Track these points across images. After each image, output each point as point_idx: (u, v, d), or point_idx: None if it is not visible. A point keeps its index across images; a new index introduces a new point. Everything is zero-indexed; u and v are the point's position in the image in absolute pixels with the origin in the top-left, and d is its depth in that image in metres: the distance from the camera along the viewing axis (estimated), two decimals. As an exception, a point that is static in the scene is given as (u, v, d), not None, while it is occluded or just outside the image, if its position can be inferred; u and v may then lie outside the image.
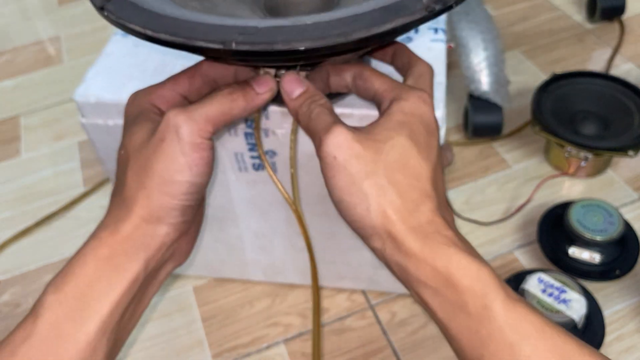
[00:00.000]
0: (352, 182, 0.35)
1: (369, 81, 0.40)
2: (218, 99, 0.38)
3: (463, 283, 0.34)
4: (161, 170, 0.37)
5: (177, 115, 0.37)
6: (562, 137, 0.70)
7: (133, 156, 0.38)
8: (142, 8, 0.36)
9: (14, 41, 1.08)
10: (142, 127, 0.39)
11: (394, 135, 0.36)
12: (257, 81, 0.40)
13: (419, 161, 0.36)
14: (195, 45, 0.34)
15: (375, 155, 0.35)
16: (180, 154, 0.37)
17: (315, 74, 0.41)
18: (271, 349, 0.61)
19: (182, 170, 0.37)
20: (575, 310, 0.55)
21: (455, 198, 0.73)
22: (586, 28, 0.97)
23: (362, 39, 0.33)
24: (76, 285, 0.37)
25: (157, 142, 0.37)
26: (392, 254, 0.36)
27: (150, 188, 0.37)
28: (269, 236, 0.59)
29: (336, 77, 0.41)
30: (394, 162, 0.36)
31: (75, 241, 0.72)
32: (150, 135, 0.38)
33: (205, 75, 0.42)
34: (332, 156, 0.36)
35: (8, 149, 0.86)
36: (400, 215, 0.35)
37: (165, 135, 0.37)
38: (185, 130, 0.36)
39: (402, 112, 0.37)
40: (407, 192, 0.36)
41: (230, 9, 0.42)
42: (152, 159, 0.37)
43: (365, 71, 0.40)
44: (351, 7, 0.36)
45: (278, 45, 0.33)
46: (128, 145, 0.39)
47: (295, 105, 0.39)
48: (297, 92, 0.39)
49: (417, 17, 0.33)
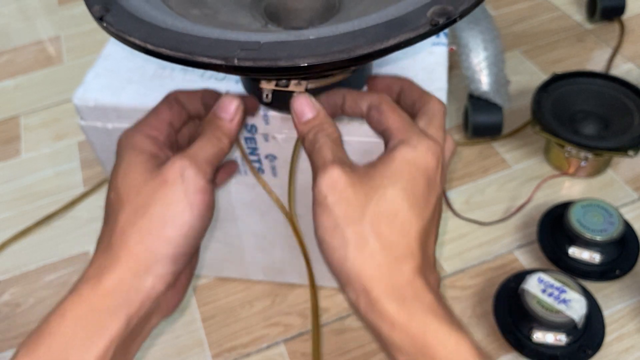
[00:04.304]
0: (335, 225, 0.34)
1: (384, 115, 0.37)
2: (209, 140, 0.38)
3: (440, 355, 0.31)
4: (161, 212, 0.35)
5: (182, 159, 0.36)
6: (562, 137, 0.70)
7: (128, 197, 0.36)
8: (142, 20, 0.36)
9: (14, 41, 1.08)
10: (137, 166, 0.37)
11: (388, 184, 0.34)
12: (220, 108, 0.39)
13: (409, 216, 0.34)
14: (197, 60, 0.33)
15: (365, 202, 0.34)
16: (183, 195, 0.36)
17: (330, 96, 0.40)
18: (271, 349, 0.61)
19: (184, 212, 0.36)
20: (575, 310, 0.55)
21: (455, 198, 0.73)
22: (586, 28, 0.97)
23: (365, 55, 0.32)
24: (49, 348, 0.34)
25: (159, 183, 0.36)
26: (366, 311, 0.33)
27: (146, 230, 0.35)
28: (268, 237, 0.59)
29: (352, 104, 0.40)
30: (382, 213, 0.34)
31: (75, 241, 0.72)
32: (146, 175, 0.36)
33: (180, 102, 0.41)
34: (323, 195, 0.34)
35: (8, 149, 0.86)
36: (379, 272, 0.33)
37: (168, 176, 0.36)
38: (190, 172, 0.36)
39: (405, 160, 0.35)
40: (390, 247, 0.33)
41: (231, 17, 0.42)
42: (152, 200, 0.35)
43: (383, 104, 0.38)
44: (355, 20, 0.35)
45: (281, 61, 0.32)
46: (121, 186, 0.37)
47: (303, 131, 0.38)
48: (307, 116, 0.38)
49: (421, 32, 0.33)
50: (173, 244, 0.36)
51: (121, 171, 0.37)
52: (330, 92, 0.40)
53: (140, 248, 0.35)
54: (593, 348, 0.56)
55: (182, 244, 0.36)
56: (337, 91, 0.40)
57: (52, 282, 0.68)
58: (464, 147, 0.79)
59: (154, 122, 0.40)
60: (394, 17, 0.34)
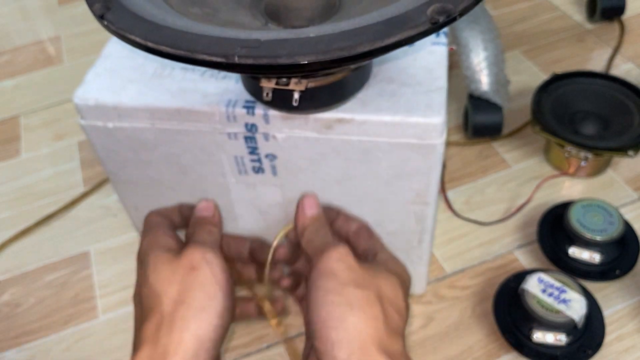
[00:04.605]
0: (342, 287, 0.38)
1: (373, 236, 0.45)
2: (204, 232, 0.44)
3: None
4: (197, 296, 0.39)
5: (196, 246, 0.41)
6: (562, 137, 0.70)
7: (163, 289, 0.39)
8: (142, 18, 0.36)
9: (14, 41, 1.08)
10: (163, 260, 0.41)
11: (386, 274, 0.41)
12: (202, 210, 0.47)
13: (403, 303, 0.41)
14: (197, 58, 0.33)
15: (370, 277, 0.39)
16: (212, 276, 0.40)
17: (327, 210, 0.47)
18: (271, 349, 0.61)
19: (216, 293, 0.39)
20: (575, 310, 0.55)
21: (455, 198, 0.73)
22: (586, 28, 0.97)
23: (365, 53, 0.33)
24: None
25: (187, 271, 0.39)
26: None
27: (190, 317, 0.38)
28: (268, 237, 0.59)
29: (343, 222, 0.47)
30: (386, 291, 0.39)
31: (75, 241, 0.72)
32: (173, 266, 0.40)
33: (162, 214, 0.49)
34: (330, 265, 0.39)
35: (8, 149, 0.86)
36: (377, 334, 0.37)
37: (194, 263, 0.40)
38: (210, 255, 0.41)
39: (392, 269, 0.42)
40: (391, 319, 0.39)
41: (231, 15, 0.42)
42: (185, 287, 0.39)
43: (370, 229, 0.47)
44: (355, 18, 0.35)
45: (281, 59, 0.32)
46: (154, 281, 0.40)
47: (306, 223, 0.43)
48: (312, 212, 0.44)
49: (421, 30, 0.33)
50: (213, 325, 0.39)
51: (150, 267, 0.41)
52: (327, 207, 0.47)
53: (187, 336, 0.37)
54: (593, 348, 0.56)
55: (219, 325, 0.39)
56: (333, 208, 0.48)
57: (52, 282, 0.68)
58: (464, 147, 0.79)
59: (159, 228, 0.45)
60: (394, 15, 0.34)
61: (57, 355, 0.62)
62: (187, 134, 0.49)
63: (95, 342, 0.63)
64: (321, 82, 0.41)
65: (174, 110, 0.47)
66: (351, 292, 0.37)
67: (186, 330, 0.38)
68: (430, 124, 0.45)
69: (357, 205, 0.53)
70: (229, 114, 0.47)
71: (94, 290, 0.68)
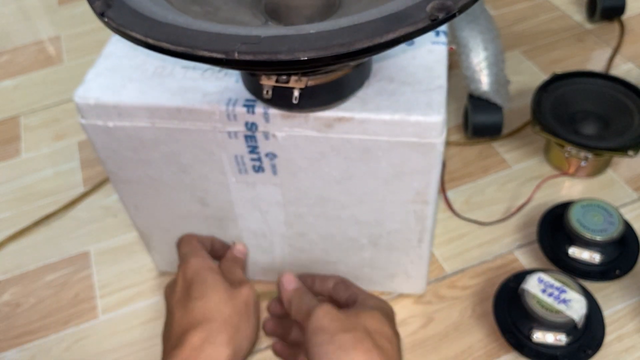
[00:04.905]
0: (332, 335, 0.43)
1: (350, 286, 0.51)
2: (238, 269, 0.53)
3: None
4: (245, 328, 0.47)
5: (249, 286, 0.49)
6: (562, 137, 0.70)
7: (217, 309, 0.46)
8: (143, 15, 0.36)
9: (14, 41, 1.08)
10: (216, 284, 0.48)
11: (369, 311, 0.46)
12: (237, 251, 0.56)
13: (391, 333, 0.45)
14: (197, 54, 0.33)
15: (356, 320, 0.44)
16: (254, 313, 0.48)
17: (304, 279, 0.53)
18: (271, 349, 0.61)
19: (255, 327, 0.48)
20: (575, 310, 0.55)
21: (455, 198, 0.73)
22: (586, 28, 0.97)
23: (364, 49, 0.33)
24: None
25: (242, 305, 0.47)
26: None
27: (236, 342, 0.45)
28: (268, 236, 0.59)
29: (321, 283, 0.53)
30: (372, 327, 0.44)
31: (75, 241, 0.72)
32: (228, 294, 0.47)
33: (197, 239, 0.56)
34: (319, 321, 0.44)
35: (8, 149, 0.86)
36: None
37: (248, 301, 0.48)
38: (256, 297, 0.49)
39: (372, 305, 0.47)
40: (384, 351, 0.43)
41: (232, 14, 0.42)
42: (238, 317, 0.46)
43: (346, 281, 0.52)
44: (354, 15, 0.35)
45: (281, 55, 0.33)
46: (209, 301, 0.46)
47: (289, 297, 0.49)
48: (292, 286, 0.49)
49: (420, 27, 0.33)
50: (245, 350, 0.46)
51: (210, 286, 0.47)
52: (302, 276, 0.53)
53: (228, 352, 0.44)
54: (593, 348, 0.56)
55: (248, 351, 0.47)
56: (308, 275, 0.53)
57: (52, 282, 0.68)
58: (464, 147, 0.79)
59: (204, 253, 0.52)
60: (394, 11, 0.34)
61: (57, 355, 0.62)
62: (187, 133, 0.49)
63: (95, 342, 0.63)
64: (321, 80, 0.41)
65: (174, 109, 0.47)
66: (341, 338, 0.42)
67: (229, 348, 0.44)
68: (430, 123, 0.45)
69: (357, 204, 0.53)
70: (229, 113, 0.47)
71: (94, 290, 0.68)
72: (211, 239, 0.58)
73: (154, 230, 0.61)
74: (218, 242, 0.58)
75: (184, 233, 0.58)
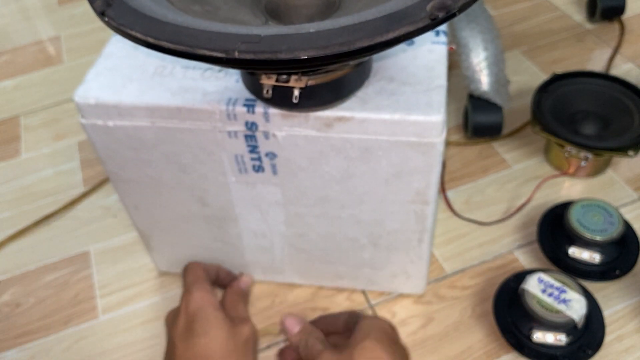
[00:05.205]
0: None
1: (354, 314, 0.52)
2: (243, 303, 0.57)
3: None
4: None
5: (249, 323, 0.51)
6: (562, 137, 0.70)
7: (220, 347, 0.48)
8: (143, 14, 0.36)
9: (14, 41, 1.08)
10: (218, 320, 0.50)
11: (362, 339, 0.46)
12: (243, 283, 0.60)
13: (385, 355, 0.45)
14: (198, 53, 0.34)
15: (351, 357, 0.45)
16: (252, 349, 0.51)
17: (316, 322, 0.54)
18: (271, 349, 0.61)
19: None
20: (575, 310, 0.55)
21: (455, 198, 0.73)
22: (586, 28, 0.97)
23: (365, 48, 0.33)
24: None
25: (243, 342, 0.50)
26: None
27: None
28: (268, 236, 0.59)
29: (331, 321, 0.54)
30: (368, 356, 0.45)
31: (75, 241, 0.72)
32: (228, 331, 0.50)
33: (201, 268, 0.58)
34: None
35: (8, 149, 0.86)
36: None
37: (248, 337, 0.51)
38: (255, 333, 0.52)
39: (368, 322, 0.49)
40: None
41: (232, 13, 0.42)
42: (237, 353, 0.49)
43: (356, 315, 0.52)
44: (355, 14, 0.36)
45: (282, 54, 0.33)
46: (211, 338, 0.49)
47: (295, 340, 0.51)
48: (296, 329, 0.51)
49: (420, 26, 0.33)
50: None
51: (213, 324, 0.50)
52: (314, 321, 0.54)
53: None
54: (593, 348, 0.56)
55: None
56: (319, 317, 0.55)
57: (52, 282, 0.68)
58: (464, 147, 0.79)
59: (207, 286, 0.54)
60: (394, 11, 0.34)
61: (57, 355, 0.62)
62: (188, 133, 0.49)
63: (95, 342, 0.63)
64: (321, 80, 0.41)
65: (175, 108, 0.47)
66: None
67: None
68: (430, 122, 0.45)
69: (357, 204, 0.53)
70: (229, 113, 0.47)
71: (94, 290, 0.68)
72: (217, 268, 0.60)
73: (154, 230, 0.61)
74: (224, 271, 0.61)
75: (184, 234, 0.58)
